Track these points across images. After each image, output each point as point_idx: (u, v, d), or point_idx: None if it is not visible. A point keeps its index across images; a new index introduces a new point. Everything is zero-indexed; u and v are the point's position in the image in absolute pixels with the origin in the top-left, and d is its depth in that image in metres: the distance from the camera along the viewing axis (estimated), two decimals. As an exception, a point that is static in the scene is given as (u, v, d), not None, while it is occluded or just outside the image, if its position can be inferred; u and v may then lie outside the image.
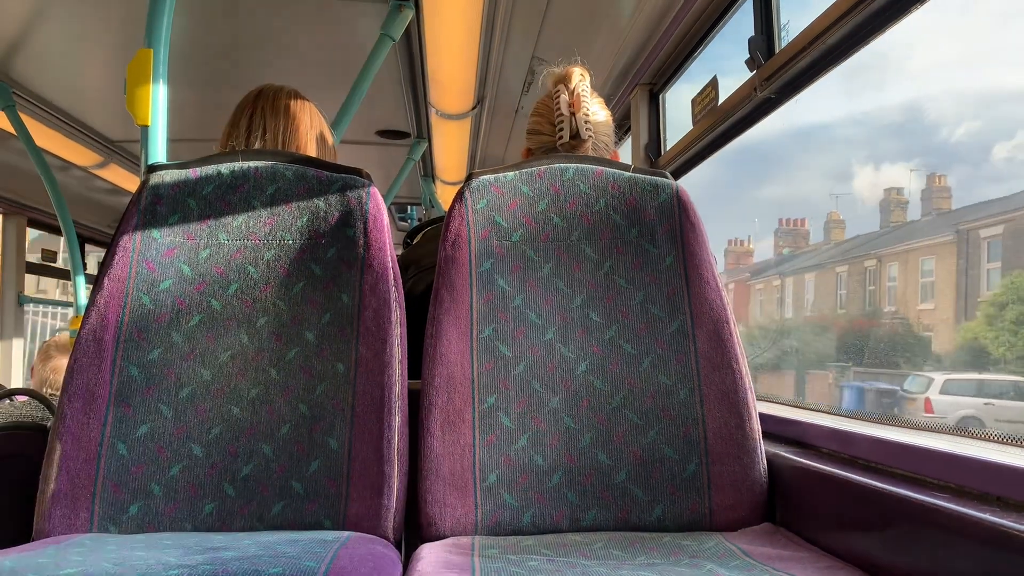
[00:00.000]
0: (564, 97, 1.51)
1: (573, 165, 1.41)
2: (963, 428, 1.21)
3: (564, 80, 1.55)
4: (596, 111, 1.56)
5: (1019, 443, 1.07)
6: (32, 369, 3.17)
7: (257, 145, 1.53)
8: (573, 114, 1.50)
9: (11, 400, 2.51)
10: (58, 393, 2.12)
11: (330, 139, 1.66)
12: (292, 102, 1.59)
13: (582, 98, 1.50)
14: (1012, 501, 0.90)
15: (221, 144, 1.59)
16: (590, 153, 1.53)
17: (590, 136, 1.51)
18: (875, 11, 1.49)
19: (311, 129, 1.59)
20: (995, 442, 1.11)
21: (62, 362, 2.96)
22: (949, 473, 1.01)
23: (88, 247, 5.24)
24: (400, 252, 2.02)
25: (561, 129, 1.50)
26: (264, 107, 1.57)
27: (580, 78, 1.53)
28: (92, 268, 5.16)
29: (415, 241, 2.10)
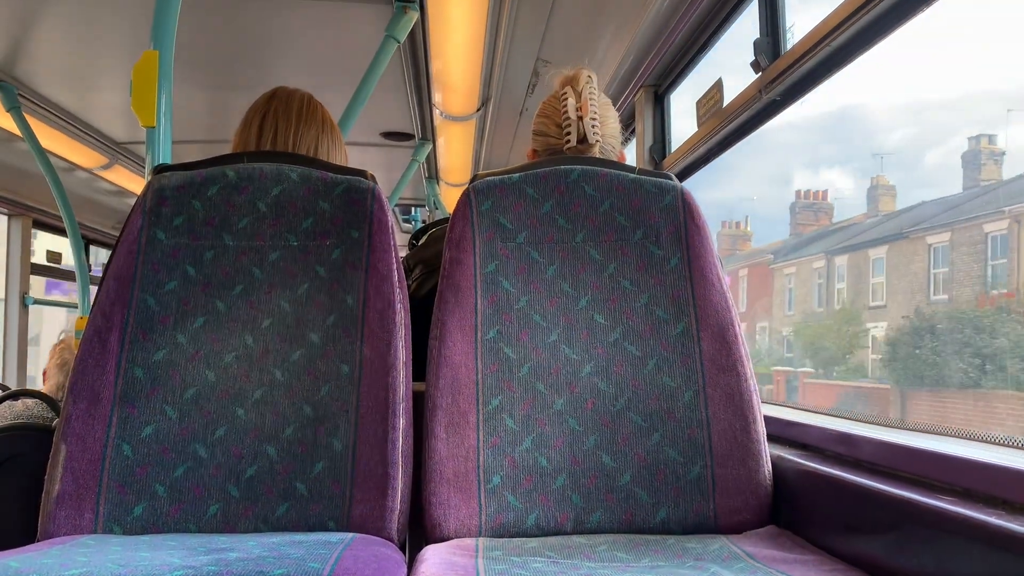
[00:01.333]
0: (571, 101, 1.50)
1: (578, 167, 1.41)
2: (968, 431, 1.21)
3: (572, 82, 1.53)
4: (604, 114, 1.55)
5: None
6: (45, 373, 3.16)
7: (268, 147, 1.53)
8: (580, 118, 1.49)
9: (22, 401, 2.52)
10: None
11: (342, 143, 1.66)
12: (304, 105, 1.59)
13: (589, 102, 1.49)
14: (1018, 504, 0.90)
15: (234, 145, 1.59)
16: (597, 156, 1.52)
17: (597, 140, 1.50)
18: (880, 13, 1.49)
19: (323, 132, 1.59)
20: (1001, 445, 1.11)
21: None
22: (955, 476, 1.00)
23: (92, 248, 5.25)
24: (406, 253, 2.03)
25: (568, 133, 1.49)
26: (277, 109, 1.57)
27: (587, 81, 1.52)
28: (97, 270, 5.17)
29: (421, 242, 2.09)
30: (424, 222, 5.73)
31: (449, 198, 4.77)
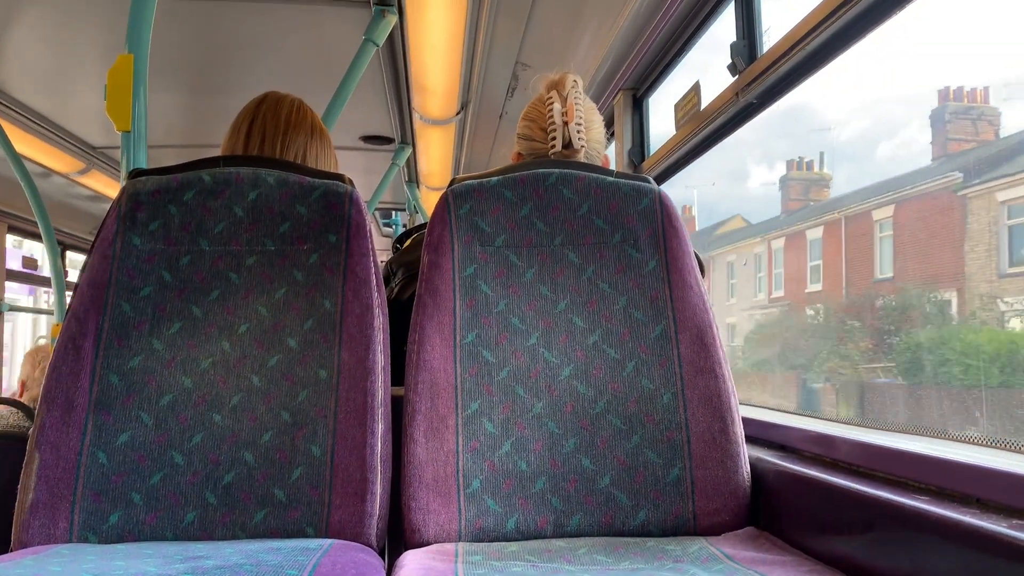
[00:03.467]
0: (557, 106, 1.50)
1: (556, 170, 1.41)
2: (941, 431, 1.22)
3: (557, 87, 1.53)
4: (589, 119, 1.55)
5: (997, 445, 1.08)
6: (22, 384, 3.12)
7: (255, 153, 1.52)
8: (566, 124, 1.49)
9: None
10: None
11: (331, 148, 1.64)
12: (294, 111, 1.58)
13: (575, 107, 1.50)
14: (992, 503, 0.91)
15: (222, 150, 1.58)
16: (582, 161, 1.52)
17: (583, 146, 1.50)
18: (855, 16, 1.50)
19: (311, 138, 1.58)
20: (975, 445, 1.12)
21: None
22: (930, 476, 1.01)
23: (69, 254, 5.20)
24: (388, 257, 2.02)
25: (554, 138, 1.49)
26: (266, 115, 1.56)
27: (573, 85, 1.52)
28: (73, 276, 5.12)
29: (404, 246, 2.09)
30: (405, 226, 5.73)
31: (429, 202, 4.76)
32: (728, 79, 2.04)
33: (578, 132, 1.48)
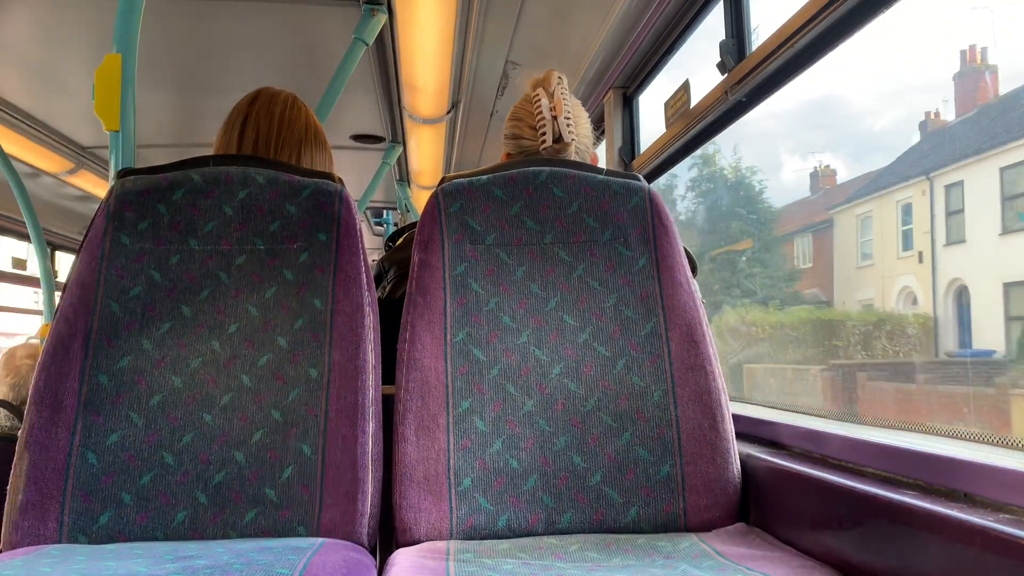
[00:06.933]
0: (545, 101, 1.50)
1: (546, 169, 1.41)
2: (929, 427, 1.23)
3: (543, 84, 1.54)
4: (576, 114, 1.55)
5: (983, 440, 1.09)
6: None
7: (249, 150, 1.51)
8: (555, 118, 1.50)
9: None
10: None
11: (326, 147, 1.63)
12: (288, 108, 1.57)
13: (563, 101, 1.50)
14: (979, 498, 0.91)
15: (215, 147, 1.57)
16: (573, 156, 1.53)
17: (573, 139, 1.50)
18: (843, 15, 1.51)
19: (305, 137, 1.57)
20: (962, 440, 1.13)
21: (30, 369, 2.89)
22: (917, 471, 1.02)
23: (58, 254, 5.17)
24: (379, 256, 2.02)
25: (544, 133, 1.50)
26: (259, 112, 1.55)
27: (559, 81, 1.53)
28: (62, 277, 5.09)
29: (397, 244, 2.09)
30: (396, 225, 5.71)
31: (420, 200, 4.75)
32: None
33: (567, 125, 1.49)
